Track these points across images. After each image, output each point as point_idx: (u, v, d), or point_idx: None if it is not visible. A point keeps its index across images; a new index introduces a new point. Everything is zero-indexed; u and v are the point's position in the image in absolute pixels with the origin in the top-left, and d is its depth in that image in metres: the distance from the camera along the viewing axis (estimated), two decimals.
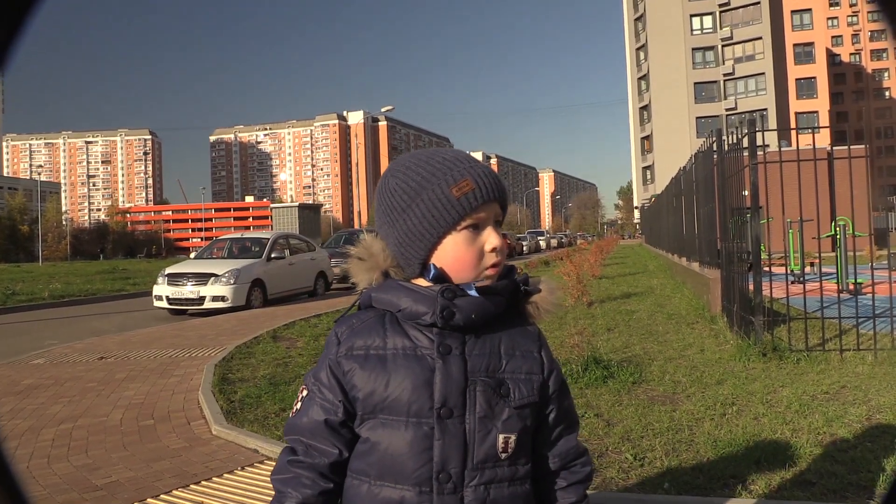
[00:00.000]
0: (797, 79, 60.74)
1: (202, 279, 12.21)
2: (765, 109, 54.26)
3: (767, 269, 8.29)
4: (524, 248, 42.03)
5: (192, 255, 15.76)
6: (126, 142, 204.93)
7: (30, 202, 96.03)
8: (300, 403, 1.16)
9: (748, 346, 5.74)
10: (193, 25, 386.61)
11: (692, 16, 59.79)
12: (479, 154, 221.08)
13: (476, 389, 1.09)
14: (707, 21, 59.83)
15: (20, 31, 0.81)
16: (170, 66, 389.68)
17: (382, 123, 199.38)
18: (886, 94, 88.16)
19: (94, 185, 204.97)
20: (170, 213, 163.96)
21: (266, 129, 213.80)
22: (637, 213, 69.81)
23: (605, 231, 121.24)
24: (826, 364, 5.38)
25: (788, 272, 7.61)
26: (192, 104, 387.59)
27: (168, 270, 12.84)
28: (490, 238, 1.11)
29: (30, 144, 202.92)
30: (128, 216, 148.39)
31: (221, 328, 9.45)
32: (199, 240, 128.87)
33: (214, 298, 12.04)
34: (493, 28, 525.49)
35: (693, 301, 9.63)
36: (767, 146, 8.62)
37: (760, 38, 57.12)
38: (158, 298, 12.45)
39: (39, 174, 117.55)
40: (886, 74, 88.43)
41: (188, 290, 12.17)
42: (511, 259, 32.70)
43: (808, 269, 12.40)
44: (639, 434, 3.72)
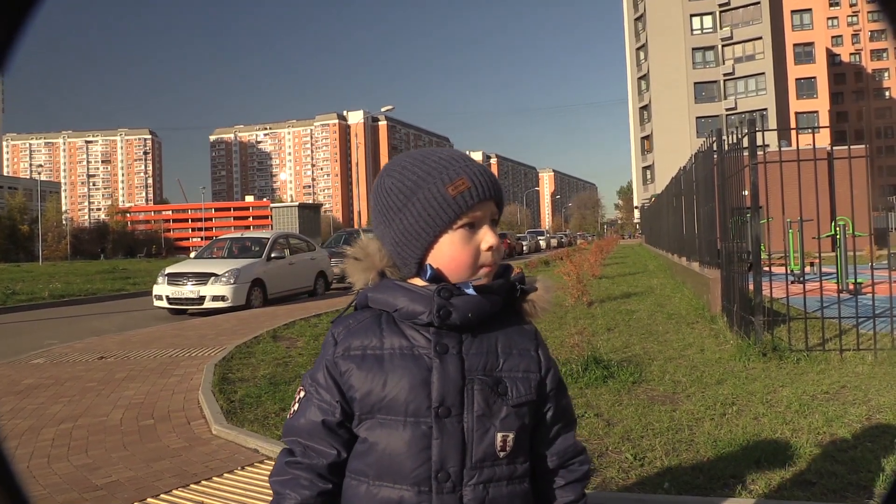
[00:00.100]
0: (797, 79, 60.73)
1: (202, 279, 12.22)
2: (765, 109, 54.27)
3: (767, 269, 8.29)
4: (524, 248, 42.01)
5: (192, 255, 15.76)
6: (126, 141, 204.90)
7: (30, 202, 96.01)
8: (297, 405, 1.16)
9: (748, 346, 5.74)
10: (193, 25, 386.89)
11: (692, 16, 59.80)
12: (479, 154, 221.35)
13: (474, 388, 1.09)
14: (707, 21, 59.83)
15: (20, 31, 0.81)
16: (170, 66, 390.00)
17: (382, 123, 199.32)
18: (886, 94, 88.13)
19: (94, 185, 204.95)
20: (170, 213, 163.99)
21: (266, 129, 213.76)
22: (637, 213, 69.80)
23: (605, 231, 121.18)
24: (826, 364, 5.38)
25: (788, 272, 7.62)
26: (192, 104, 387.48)
27: (168, 270, 12.86)
28: (486, 237, 1.11)
29: (30, 144, 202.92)
30: (128, 216, 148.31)
31: (221, 328, 9.45)
32: (199, 239, 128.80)
33: (214, 298, 12.05)
34: (494, 28, 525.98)
35: (693, 301, 9.63)
36: (767, 146, 8.62)
37: (760, 38, 57.12)
38: (158, 298, 12.46)
39: (39, 174, 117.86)
40: (886, 74, 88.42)
41: (188, 290, 12.18)
42: (511, 259, 32.80)
43: (808, 269, 12.39)
44: (639, 434, 3.72)
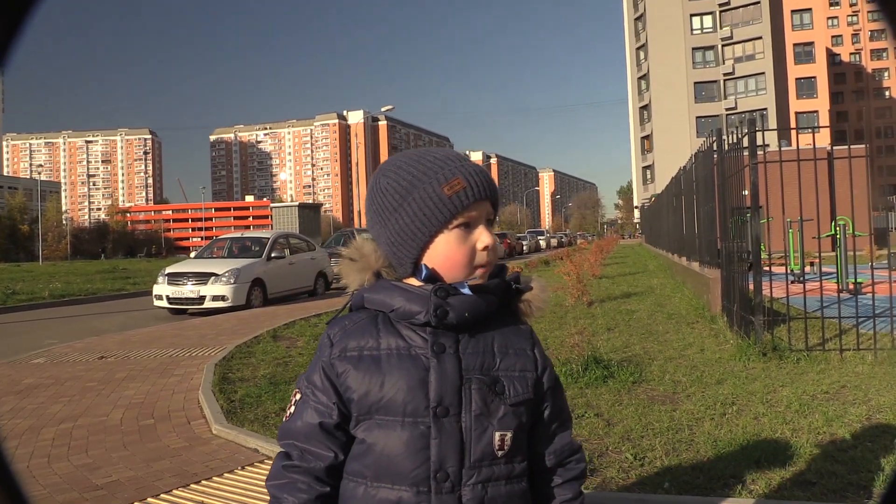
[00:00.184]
0: (797, 78, 60.70)
1: (202, 279, 12.22)
2: (765, 109, 54.25)
3: (767, 269, 8.29)
4: (524, 248, 41.98)
5: (193, 255, 15.76)
6: (126, 141, 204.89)
7: (30, 201, 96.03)
8: (293, 407, 1.15)
9: (748, 346, 5.74)
10: (193, 25, 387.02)
11: (692, 15, 59.77)
12: (479, 154, 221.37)
13: (471, 388, 1.09)
14: (707, 21, 59.81)
15: (20, 31, 0.81)
16: (170, 66, 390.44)
17: (382, 123, 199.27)
18: (886, 94, 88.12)
19: (94, 185, 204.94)
20: (170, 213, 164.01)
21: (266, 129, 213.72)
22: (637, 213, 69.79)
23: (605, 231, 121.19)
24: (826, 364, 5.38)
25: (788, 272, 7.61)
26: (192, 104, 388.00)
27: (168, 270, 12.86)
28: (482, 236, 1.11)
29: (30, 144, 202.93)
30: (128, 216, 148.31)
31: (221, 328, 9.45)
32: (200, 239, 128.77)
33: (214, 298, 12.05)
34: (494, 28, 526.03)
35: (693, 301, 9.63)
36: (767, 146, 8.63)
37: (760, 38, 57.10)
38: (158, 298, 12.46)
39: (39, 173, 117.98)
40: (886, 74, 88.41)
41: (188, 290, 12.18)
42: (511, 259, 32.78)
43: (808, 269, 12.39)
44: (639, 434, 3.72)
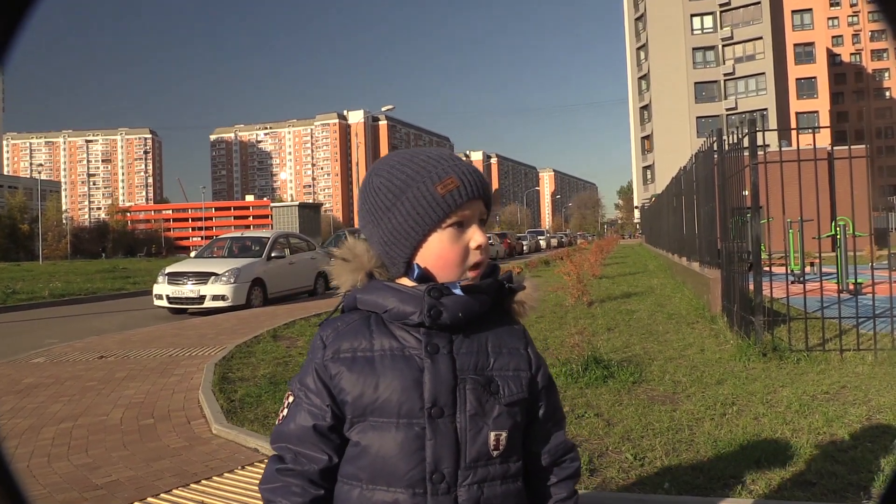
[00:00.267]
0: (797, 79, 60.72)
1: (202, 278, 12.21)
2: (765, 109, 54.25)
3: (767, 269, 8.29)
4: (524, 248, 41.96)
5: (193, 254, 15.76)
6: (126, 141, 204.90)
7: (30, 201, 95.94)
8: (286, 410, 1.15)
9: (748, 346, 5.74)
10: (194, 24, 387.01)
11: (692, 15, 59.76)
12: (479, 154, 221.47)
13: (466, 388, 1.09)
14: (707, 21, 59.80)
15: (19, 29, 0.81)
16: (170, 66, 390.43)
17: (383, 122, 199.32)
18: (887, 94, 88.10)
19: (95, 184, 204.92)
20: (170, 212, 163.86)
21: (266, 129, 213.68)
22: (637, 213, 69.78)
23: (606, 231, 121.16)
24: (826, 364, 5.38)
25: (788, 272, 7.61)
26: (193, 103, 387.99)
27: (168, 269, 12.86)
28: (475, 236, 1.11)
29: (30, 143, 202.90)
30: (128, 215, 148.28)
31: (221, 327, 9.45)
32: (200, 239, 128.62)
33: (214, 297, 12.05)
34: (494, 28, 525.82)
35: (693, 301, 9.63)
36: (768, 146, 8.62)
37: (761, 38, 57.09)
38: (158, 297, 12.46)
39: (40, 173, 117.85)
40: (887, 74, 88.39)
41: (188, 289, 12.18)
42: (511, 259, 32.78)
43: (808, 269, 12.38)
44: (639, 434, 3.72)
